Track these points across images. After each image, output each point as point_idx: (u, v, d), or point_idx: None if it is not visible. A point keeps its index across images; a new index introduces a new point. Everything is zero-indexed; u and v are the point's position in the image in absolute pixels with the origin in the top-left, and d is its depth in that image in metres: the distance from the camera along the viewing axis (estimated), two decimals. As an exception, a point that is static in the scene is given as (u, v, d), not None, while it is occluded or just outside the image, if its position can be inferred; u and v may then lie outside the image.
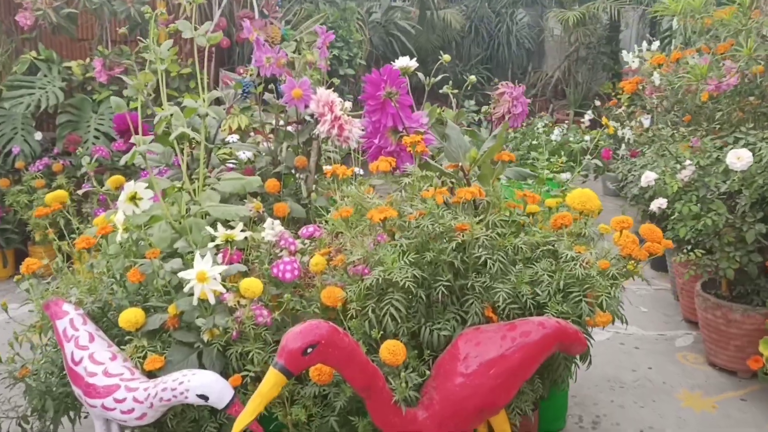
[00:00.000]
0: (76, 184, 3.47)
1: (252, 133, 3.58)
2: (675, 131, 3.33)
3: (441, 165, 1.81)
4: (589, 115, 4.61)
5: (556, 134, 4.09)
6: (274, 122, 2.41)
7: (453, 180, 1.75)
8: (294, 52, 4.08)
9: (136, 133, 1.93)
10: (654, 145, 2.91)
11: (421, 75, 2.28)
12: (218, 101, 3.62)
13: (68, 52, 4.04)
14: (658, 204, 2.27)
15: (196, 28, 2.01)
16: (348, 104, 2.25)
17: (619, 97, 6.31)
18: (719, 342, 2.46)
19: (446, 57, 2.29)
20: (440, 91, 6.43)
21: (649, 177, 2.35)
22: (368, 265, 1.63)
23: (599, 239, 1.86)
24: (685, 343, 2.76)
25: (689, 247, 2.38)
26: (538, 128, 4.61)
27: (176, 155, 2.25)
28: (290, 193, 2.33)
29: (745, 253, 2.26)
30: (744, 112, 2.75)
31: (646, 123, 4.00)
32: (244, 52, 4.02)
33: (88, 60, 3.75)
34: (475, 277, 1.61)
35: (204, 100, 2.04)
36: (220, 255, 1.69)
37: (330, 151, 2.45)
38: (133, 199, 1.69)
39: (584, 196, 1.83)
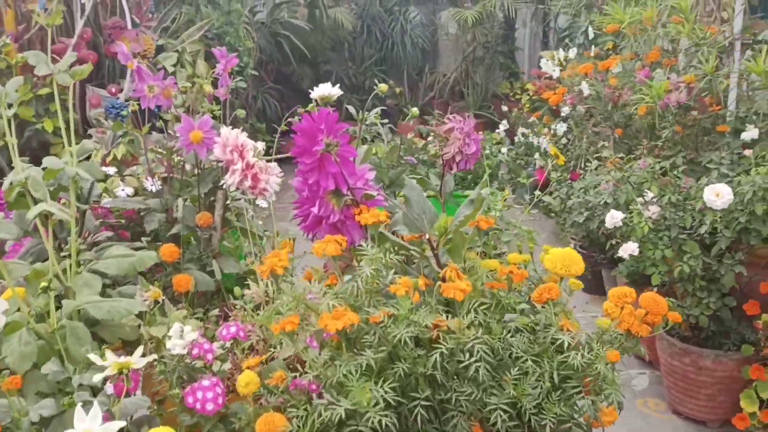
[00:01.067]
0: None
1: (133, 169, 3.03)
2: (602, 145, 3.10)
3: (396, 235, 1.41)
4: (504, 125, 4.34)
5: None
6: (163, 167, 1.92)
7: (416, 257, 1.36)
8: (175, 66, 3.54)
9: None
10: (598, 169, 2.64)
11: (351, 108, 1.88)
12: (88, 133, 3.03)
13: None
14: (630, 250, 1.98)
15: (54, 60, 1.49)
16: (260, 145, 1.80)
17: (517, 97, 6.16)
18: (687, 390, 2.22)
19: (383, 87, 1.89)
20: (346, 107, 5.91)
21: (615, 217, 2.06)
22: (320, 383, 1.21)
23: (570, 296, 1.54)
24: (642, 386, 2.51)
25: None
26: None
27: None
28: (192, 259, 1.86)
29: (719, 297, 2.02)
30: (685, 127, 2.53)
31: (561, 130, 3.77)
32: (115, 66, 3.43)
33: None
34: (458, 387, 1.23)
35: (72, 155, 1.53)
36: (109, 386, 1.21)
37: (237, 199, 1.99)
38: (-25, 315, 1.18)
39: (568, 259, 1.49)
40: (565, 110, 3.57)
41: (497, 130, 4.39)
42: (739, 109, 2.32)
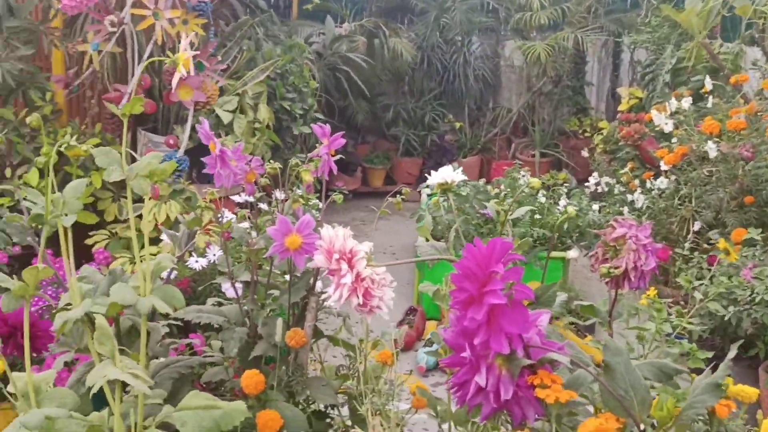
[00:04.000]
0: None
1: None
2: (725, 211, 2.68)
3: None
4: (594, 178, 3.92)
5: (562, 204, 3.38)
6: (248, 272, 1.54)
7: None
8: (236, 111, 3.20)
9: (21, 339, 1.07)
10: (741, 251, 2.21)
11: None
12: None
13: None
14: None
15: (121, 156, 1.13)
16: (368, 246, 1.42)
17: (586, 135, 5.74)
18: None
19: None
20: (389, 131, 5.53)
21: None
22: None
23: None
24: None
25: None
26: (521, 185, 3.90)
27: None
28: (278, 387, 1.48)
29: None
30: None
31: (660, 186, 3.35)
32: (171, 111, 3.10)
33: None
34: None
35: (145, 279, 1.17)
36: None
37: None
38: None
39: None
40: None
41: (586, 185, 3.98)
42: None
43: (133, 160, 3.04)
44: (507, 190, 3.72)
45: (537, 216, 3.30)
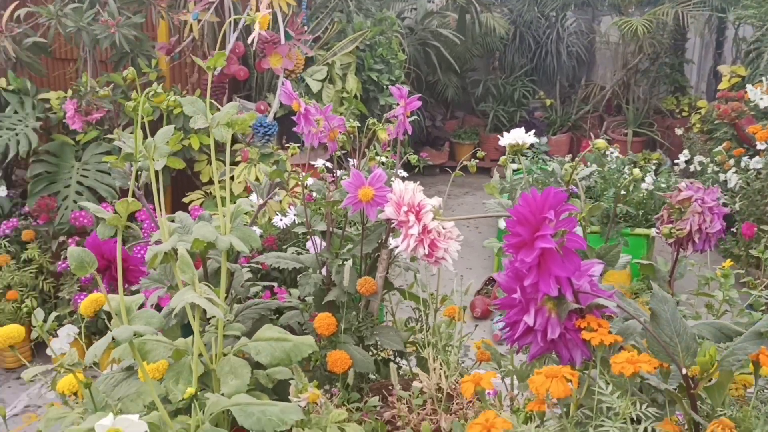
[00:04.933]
0: (53, 256, 2.72)
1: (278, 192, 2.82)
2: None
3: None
4: (684, 155, 3.82)
5: (648, 181, 3.32)
6: (324, 222, 1.64)
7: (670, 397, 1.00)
8: (325, 80, 3.31)
9: (115, 272, 1.20)
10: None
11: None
12: (233, 149, 2.88)
13: (47, 78, 3.28)
14: None
15: (213, 110, 1.24)
16: (437, 201, 1.49)
17: (684, 115, 5.54)
18: None
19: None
20: (478, 107, 5.52)
21: None
22: None
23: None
24: None
25: None
26: (609, 162, 3.84)
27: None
28: (349, 331, 1.58)
29: None
30: None
31: (753, 165, 3.23)
32: (263, 78, 3.25)
33: (70, 91, 2.98)
34: None
35: (225, 219, 1.28)
36: None
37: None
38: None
39: None
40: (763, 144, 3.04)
41: (676, 162, 3.87)
42: None
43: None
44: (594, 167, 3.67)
45: (622, 192, 3.25)
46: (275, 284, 1.87)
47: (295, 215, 2.43)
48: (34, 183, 2.80)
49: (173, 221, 1.42)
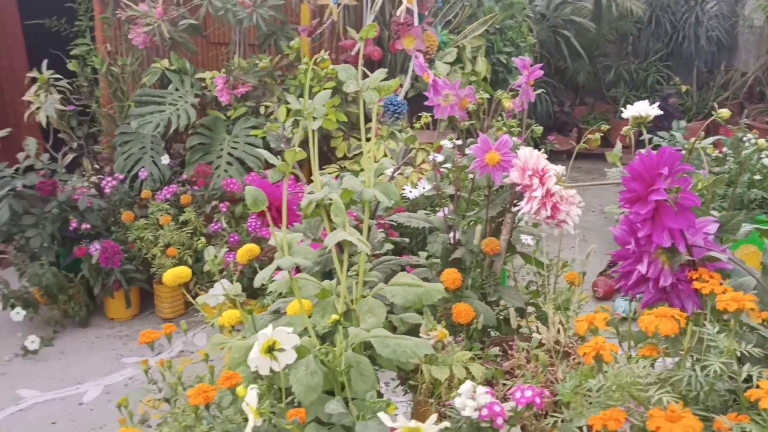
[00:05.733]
0: (206, 219, 3.03)
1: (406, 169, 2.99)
2: None
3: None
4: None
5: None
6: (452, 187, 1.78)
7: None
8: (454, 64, 3.44)
9: (278, 216, 1.39)
10: None
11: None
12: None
13: (203, 60, 3.61)
14: None
15: (365, 75, 1.42)
16: (560, 168, 1.59)
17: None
18: None
19: (724, 113, 1.56)
20: (608, 93, 5.44)
21: None
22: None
23: None
24: None
25: None
26: (747, 148, 3.71)
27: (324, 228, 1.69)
28: (473, 287, 1.71)
29: None
30: None
31: None
32: (396, 60, 3.42)
33: (223, 70, 3.29)
34: None
35: (369, 174, 1.45)
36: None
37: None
38: (271, 350, 1.13)
39: None
40: None
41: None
42: None
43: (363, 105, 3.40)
44: (729, 151, 3.59)
45: (756, 177, 3.17)
46: (406, 241, 2.03)
47: (424, 188, 2.58)
48: (191, 153, 3.13)
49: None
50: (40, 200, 2.95)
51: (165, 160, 3.15)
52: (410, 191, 2.67)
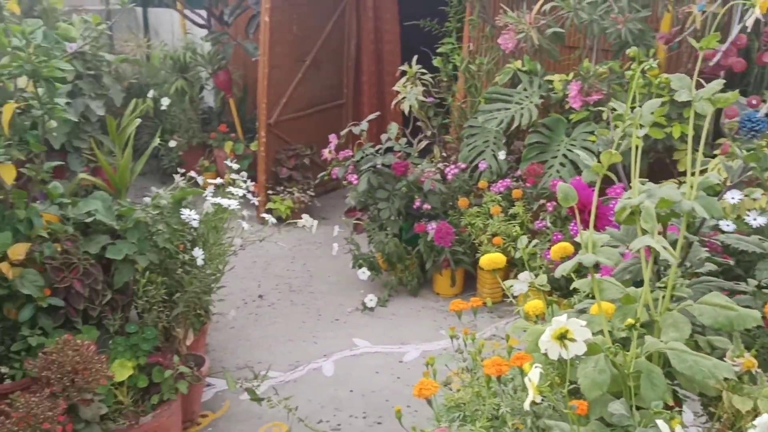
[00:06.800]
0: (533, 215, 3.16)
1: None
2: None
3: None
4: None
5: None
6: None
7: None
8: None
9: (588, 216, 1.45)
10: None
11: None
12: (716, 143, 2.90)
13: (552, 62, 3.72)
14: None
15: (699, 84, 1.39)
16: None
17: None
18: None
19: None
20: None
21: None
22: None
23: None
24: None
25: None
26: None
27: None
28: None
29: None
30: None
31: None
32: (763, 74, 3.13)
33: (571, 75, 3.36)
34: None
35: (692, 187, 1.42)
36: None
37: None
38: (563, 338, 1.21)
39: None
40: None
41: None
42: None
43: (716, 121, 3.22)
44: None
45: None
46: (730, 263, 1.91)
47: (771, 216, 2.35)
48: (527, 150, 3.27)
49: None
50: (393, 178, 3.38)
51: (502, 155, 3.35)
52: (755, 218, 2.45)
